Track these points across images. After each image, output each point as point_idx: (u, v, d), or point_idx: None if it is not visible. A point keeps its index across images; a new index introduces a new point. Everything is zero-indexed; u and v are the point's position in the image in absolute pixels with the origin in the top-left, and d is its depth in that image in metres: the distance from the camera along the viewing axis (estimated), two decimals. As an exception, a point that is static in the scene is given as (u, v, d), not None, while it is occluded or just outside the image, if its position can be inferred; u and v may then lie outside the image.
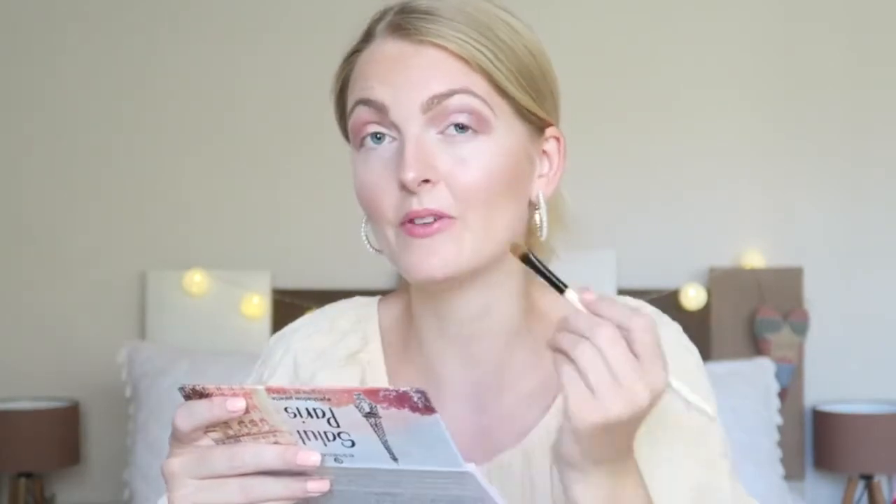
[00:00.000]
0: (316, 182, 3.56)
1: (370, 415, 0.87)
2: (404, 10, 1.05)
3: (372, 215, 1.05)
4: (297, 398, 0.88)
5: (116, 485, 3.47)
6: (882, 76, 3.55)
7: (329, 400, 0.87)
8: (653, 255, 3.52)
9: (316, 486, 0.91)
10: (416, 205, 1.01)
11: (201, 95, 3.61)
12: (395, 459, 0.89)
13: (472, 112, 1.02)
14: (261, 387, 0.89)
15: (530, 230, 1.09)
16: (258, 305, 3.46)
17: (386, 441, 0.88)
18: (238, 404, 0.90)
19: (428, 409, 0.85)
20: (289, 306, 3.43)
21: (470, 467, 0.88)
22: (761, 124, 3.56)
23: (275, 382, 1.16)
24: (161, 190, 3.60)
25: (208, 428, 0.92)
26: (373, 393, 0.86)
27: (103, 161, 3.60)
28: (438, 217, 1.01)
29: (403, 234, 1.03)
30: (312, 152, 3.54)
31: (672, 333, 1.15)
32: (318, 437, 0.90)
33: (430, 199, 1.01)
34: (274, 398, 0.89)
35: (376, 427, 0.87)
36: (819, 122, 3.55)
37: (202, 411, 0.91)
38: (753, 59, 3.57)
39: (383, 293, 1.22)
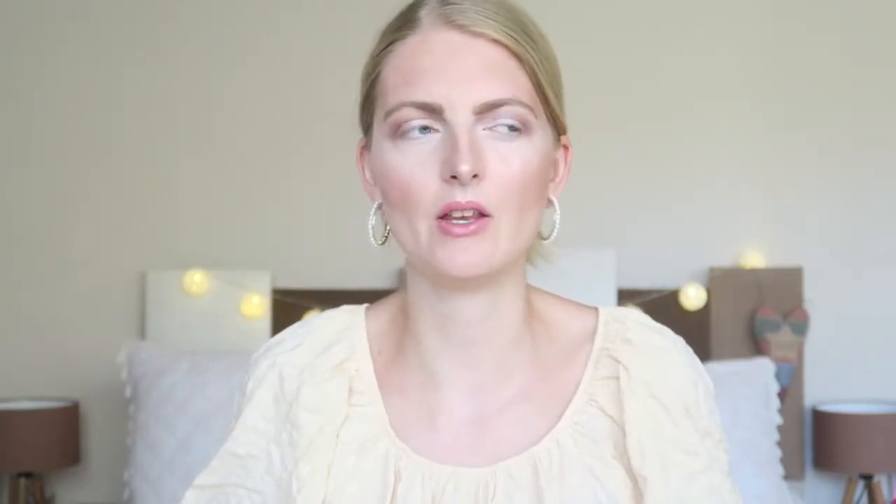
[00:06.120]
0: (316, 182, 3.56)
1: None
2: (448, 1, 1.06)
3: (405, 206, 1.05)
4: None
5: (116, 485, 3.47)
6: (881, 76, 3.55)
7: None
8: (653, 255, 3.52)
9: None
10: (459, 196, 1.02)
11: (201, 95, 3.61)
12: None
13: (518, 118, 1.04)
14: None
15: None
16: (258, 305, 3.46)
17: None
18: None
19: None
20: (289, 306, 3.43)
21: None
22: (761, 124, 3.56)
23: (259, 396, 1.13)
24: (160, 190, 3.60)
25: None
26: None
27: (103, 161, 3.60)
28: (479, 213, 1.03)
29: (438, 230, 1.03)
30: (312, 152, 3.54)
31: (686, 356, 1.15)
32: None
33: (475, 193, 1.02)
34: None
35: None
36: (819, 123, 3.55)
37: None
38: (753, 59, 3.57)
39: (384, 294, 1.22)
